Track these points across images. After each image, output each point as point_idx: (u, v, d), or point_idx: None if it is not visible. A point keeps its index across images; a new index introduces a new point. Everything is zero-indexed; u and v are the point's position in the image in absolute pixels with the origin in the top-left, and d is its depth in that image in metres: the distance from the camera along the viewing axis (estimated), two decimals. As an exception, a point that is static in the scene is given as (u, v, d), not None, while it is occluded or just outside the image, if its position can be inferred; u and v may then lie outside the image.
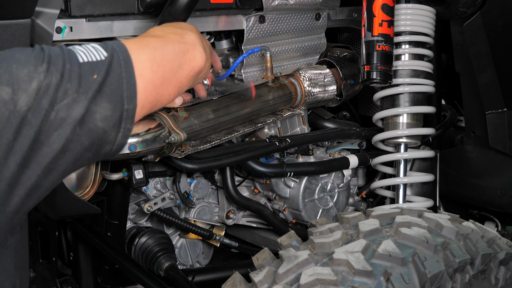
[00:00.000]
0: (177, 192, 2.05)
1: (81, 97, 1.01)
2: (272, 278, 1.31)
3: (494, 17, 2.01)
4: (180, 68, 1.23)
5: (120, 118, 1.07)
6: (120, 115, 1.07)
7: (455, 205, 2.48)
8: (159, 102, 1.18)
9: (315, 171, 2.08)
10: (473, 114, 2.23)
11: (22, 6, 1.47)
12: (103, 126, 1.05)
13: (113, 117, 1.06)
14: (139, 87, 1.10)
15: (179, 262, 2.20)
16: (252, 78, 1.97)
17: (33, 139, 0.97)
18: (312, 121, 2.19)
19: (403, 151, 1.99)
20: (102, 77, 1.04)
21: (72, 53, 1.04)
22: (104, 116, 1.04)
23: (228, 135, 1.83)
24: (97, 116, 1.03)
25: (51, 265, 2.16)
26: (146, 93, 1.12)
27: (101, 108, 1.04)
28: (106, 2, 1.59)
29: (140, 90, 1.10)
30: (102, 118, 1.04)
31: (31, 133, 0.96)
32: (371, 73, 1.85)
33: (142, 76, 1.11)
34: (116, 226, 2.00)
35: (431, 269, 1.25)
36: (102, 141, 1.06)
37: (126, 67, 1.08)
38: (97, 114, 1.03)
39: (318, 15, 2.09)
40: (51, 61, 1.00)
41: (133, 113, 1.09)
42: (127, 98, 1.08)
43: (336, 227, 1.42)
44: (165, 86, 1.18)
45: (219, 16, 1.83)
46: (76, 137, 1.01)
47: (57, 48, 1.04)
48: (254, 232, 2.33)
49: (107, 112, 1.05)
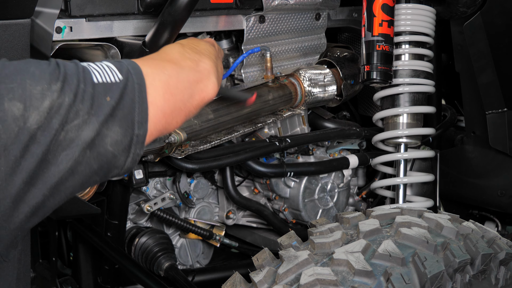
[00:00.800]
0: (177, 192, 2.05)
1: (92, 119, 1.00)
2: (272, 278, 1.31)
3: (494, 17, 2.00)
4: (191, 98, 1.20)
5: (130, 143, 1.05)
6: (130, 140, 1.05)
7: (455, 205, 2.47)
8: (166, 130, 1.16)
9: (315, 171, 2.08)
10: (473, 114, 2.23)
11: (22, 6, 1.47)
12: (112, 150, 1.03)
13: (123, 142, 1.04)
14: (149, 114, 1.08)
15: (179, 262, 2.20)
16: (252, 78, 1.97)
17: (41, 158, 0.95)
18: (312, 121, 2.19)
19: (403, 151, 1.99)
20: (115, 101, 1.02)
21: (87, 72, 1.02)
22: (114, 140, 1.03)
23: (228, 135, 1.83)
24: (107, 140, 1.02)
25: (51, 265, 2.16)
26: (156, 121, 1.10)
27: (112, 132, 1.02)
28: (106, 2, 1.58)
29: (150, 117, 1.08)
30: (112, 142, 1.03)
31: (39, 151, 0.95)
32: (371, 73, 1.85)
33: (154, 103, 1.09)
34: (116, 226, 2.00)
35: (431, 269, 1.25)
36: (111, 166, 1.05)
37: (140, 92, 1.06)
38: (108, 138, 1.02)
39: (318, 15, 2.09)
40: (66, 80, 0.98)
41: (143, 138, 1.07)
42: (138, 123, 1.06)
43: (336, 227, 1.42)
44: (174, 115, 1.15)
45: (219, 16, 1.83)
46: (86, 160, 1.00)
47: (72, 65, 1.02)
48: (254, 232, 2.33)
49: (117, 137, 1.03)
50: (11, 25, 1.44)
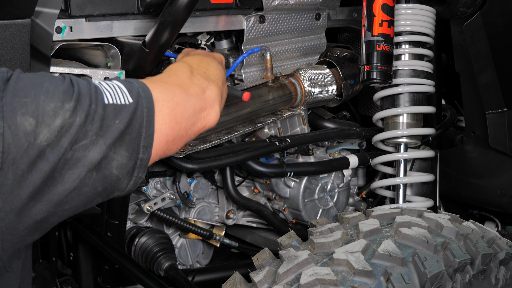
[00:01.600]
0: (177, 192, 2.05)
1: (100, 140, 1.00)
2: (272, 278, 1.31)
3: (494, 17, 2.01)
4: (194, 125, 1.20)
5: (134, 166, 1.06)
6: (134, 164, 1.06)
7: (455, 205, 2.47)
8: (165, 155, 1.17)
9: (315, 171, 2.08)
10: (473, 114, 2.23)
11: (22, 6, 1.47)
12: (117, 173, 1.04)
13: (128, 165, 1.05)
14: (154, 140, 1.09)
15: (179, 262, 2.20)
16: (252, 78, 1.97)
17: (48, 175, 0.96)
18: (312, 121, 2.19)
19: (403, 151, 1.99)
20: (124, 125, 1.03)
21: (100, 93, 1.03)
22: (120, 164, 1.04)
23: (228, 135, 1.83)
24: (113, 163, 1.03)
25: (51, 265, 2.16)
26: (158, 147, 1.11)
27: (118, 156, 1.03)
28: (106, 2, 1.59)
29: (154, 143, 1.09)
30: (118, 165, 1.04)
31: (47, 168, 0.96)
32: (371, 73, 1.85)
33: (159, 130, 1.10)
34: (116, 226, 2.00)
35: (431, 269, 1.25)
36: (114, 188, 1.06)
37: (148, 116, 1.07)
38: (114, 162, 1.03)
39: (318, 15, 2.09)
40: (79, 100, 0.99)
41: (146, 162, 1.08)
42: (143, 148, 1.07)
43: (336, 227, 1.42)
44: (176, 142, 1.16)
45: (219, 16, 1.83)
46: (92, 182, 1.01)
47: (85, 83, 1.03)
48: (254, 232, 2.33)
49: (123, 160, 1.04)
50: (11, 25, 1.44)
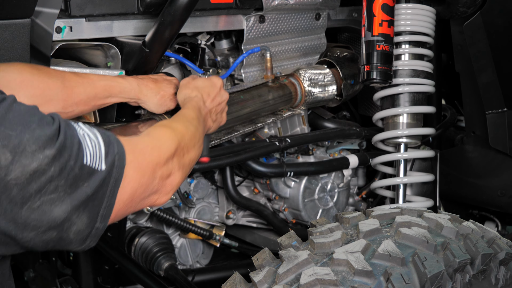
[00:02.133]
0: (177, 192, 2.05)
1: (67, 199, 0.98)
2: (272, 278, 1.31)
3: (494, 17, 2.00)
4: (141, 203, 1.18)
5: (88, 235, 1.05)
6: (89, 232, 1.04)
7: (455, 205, 2.47)
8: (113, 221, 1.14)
9: (315, 171, 2.08)
10: (473, 114, 2.23)
11: (22, 6, 1.47)
12: (72, 238, 1.02)
13: (84, 232, 1.03)
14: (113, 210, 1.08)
15: (179, 262, 2.20)
16: (252, 78, 1.97)
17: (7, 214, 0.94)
18: (312, 121, 2.19)
19: (403, 151, 1.99)
20: (91, 190, 1.01)
21: (81, 150, 1.01)
22: (78, 229, 1.02)
23: (228, 135, 1.83)
24: (74, 228, 1.01)
25: (51, 265, 2.16)
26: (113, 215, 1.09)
27: (79, 221, 1.01)
28: (106, 2, 1.59)
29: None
30: (76, 231, 1.02)
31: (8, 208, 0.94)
32: (371, 73, 1.85)
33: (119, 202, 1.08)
34: (116, 226, 2.00)
35: (431, 269, 1.24)
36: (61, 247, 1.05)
37: (113, 187, 1.05)
38: (75, 226, 1.01)
39: (318, 15, 2.09)
40: (60, 151, 0.97)
41: (101, 232, 1.06)
42: (101, 217, 1.05)
43: (336, 227, 1.42)
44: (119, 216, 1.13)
45: (219, 16, 1.83)
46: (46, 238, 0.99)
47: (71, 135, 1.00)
48: (254, 232, 2.33)
49: (82, 226, 1.02)
50: (11, 25, 1.44)
